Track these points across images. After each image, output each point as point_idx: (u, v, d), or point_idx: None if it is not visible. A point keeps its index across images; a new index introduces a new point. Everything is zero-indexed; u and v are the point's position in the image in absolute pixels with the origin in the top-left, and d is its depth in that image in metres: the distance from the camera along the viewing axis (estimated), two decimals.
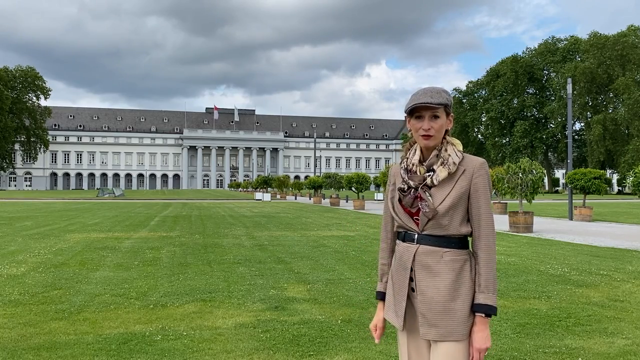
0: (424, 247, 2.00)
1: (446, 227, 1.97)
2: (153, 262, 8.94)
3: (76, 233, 14.02)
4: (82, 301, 6.01)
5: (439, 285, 1.95)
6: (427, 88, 2.02)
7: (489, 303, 1.93)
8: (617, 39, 73.69)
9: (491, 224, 1.97)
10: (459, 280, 1.95)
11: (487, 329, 1.95)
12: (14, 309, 5.63)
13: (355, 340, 4.59)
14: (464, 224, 1.98)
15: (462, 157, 2.00)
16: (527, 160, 16.25)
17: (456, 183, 1.97)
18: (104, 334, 4.75)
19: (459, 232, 1.97)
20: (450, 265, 1.96)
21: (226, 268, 8.40)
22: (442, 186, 1.98)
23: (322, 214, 24.82)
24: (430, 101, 1.96)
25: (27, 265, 8.44)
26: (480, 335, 1.94)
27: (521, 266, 8.61)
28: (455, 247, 1.98)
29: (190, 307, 5.75)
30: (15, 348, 4.33)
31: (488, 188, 2.00)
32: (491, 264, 1.96)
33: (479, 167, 1.99)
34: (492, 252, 1.97)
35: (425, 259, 1.99)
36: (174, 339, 4.61)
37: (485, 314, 1.93)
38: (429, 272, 1.97)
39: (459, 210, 1.97)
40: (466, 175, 1.98)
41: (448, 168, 1.97)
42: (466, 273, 1.96)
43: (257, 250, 10.70)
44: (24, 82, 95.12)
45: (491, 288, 1.94)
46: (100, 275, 7.69)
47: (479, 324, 1.94)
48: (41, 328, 4.92)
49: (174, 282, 7.17)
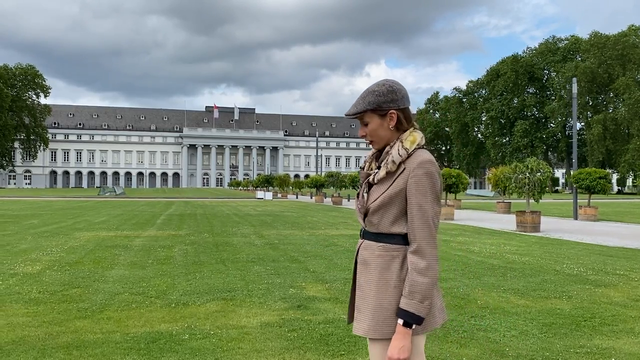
0: (365, 242, 1.99)
1: (376, 225, 1.93)
2: (167, 261, 8.92)
3: (84, 231, 13.99)
4: (103, 300, 5.99)
5: (369, 280, 1.92)
6: (363, 91, 1.96)
7: (407, 309, 1.79)
8: (618, 39, 73.79)
9: (424, 228, 1.84)
10: (386, 275, 1.88)
11: (405, 338, 1.79)
12: (36, 308, 5.60)
13: None
14: (397, 223, 1.89)
15: (407, 155, 1.89)
16: (534, 159, 16.25)
17: (393, 182, 1.90)
18: (130, 332, 4.73)
19: (389, 231, 1.90)
20: (379, 259, 1.91)
21: (241, 267, 8.38)
22: (381, 184, 1.93)
23: (327, 212, 24.81)
24: (350, 112, 1.95)
25: (42, 264, 8.42)
26: (395, 344, 1.80)
27: (536, 266, 8.60)
28: (389, 241, 1.91)
29: (212, 306, 5.74)
30: (44, 347, 4.31)
31: (424, 189, 1.85)
32: (419, 269, 1.82)
33: (416, 167, 1.86)
34: (421, 257, 1.82)
35: (364, 254, 1.97)
36: (202, 338, 4.59)
37: (404, 322, 1.79)
38: (365, 266, 1.95)
39: (391, 210, 1.90)
40: (404, 175, 1.88)
41: (386, 166, 1.91)
42: (394, 269, 1.88)
43: (269, 249, 10.69)
44: (23, 80, 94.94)
45: (417, 295, 1.80)
46: (116, 273, 7.67)
47: (396, 331, 1.82)
48: (66, 327, 4.90)
49: (192, 281, 7.15)
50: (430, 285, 1.82)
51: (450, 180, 20.41)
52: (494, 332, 4.81)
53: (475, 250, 10.47)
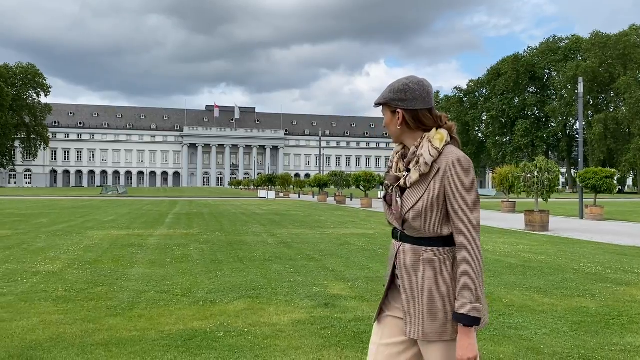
0: (405, 245, 1.93)
1: (420, 230, 1.87)
2: (184, 259, 8.95)
3: (96, 230, 14.02)
4: (130, 298, 6.02)
5: (419, 284, 1.88)
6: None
7: (464, 312, 1.80)
8: (619, 38, 73.81)
9: (470, 228, 1.82)
10: (437, 280, 1.86)
11: (469, 337, 1.81)
12: (65, 305, 5.63)
13: None
14: (444, 225, 1.86)
15: (438, 155, 1.85)
16: (543, 159, 16.28)
17: (429, 185, 1.85)
18: (165, 330, 4.76)
19: (437, 234, 1.87)
20: (427, 265, 1.87)
21: (259, 265, 8.42)
22: (416, 188, 1.88)
23: (332, 212, 24.84)
24: (375, 102, 1.99)
25: (62, 262, 8.44)
26: (460, 345, 1.82)
27: (553, 264, 8.63)
28: (435, 245, 1.88)
29: (240, 304, 5.76)
30: (82, 344, 4.33)
31: (465, 186, 1.83)
32: (470, 271, 1.82)
33: (452, 165, 1.83)
34: (471, 258, 1.82)
35: (406, 258, 1.92)
36: (237, 335, 4.62)
37: (464, 324, 1.81)
38: (409, 271, 1.91)
39: (434, 213, 1.85)
40: (440, 176, 1.84)
41: (419, 169, 1.86)
42: (445, 273, 1.86)
43: (283, 247, 10.72)
44: (24, 79, 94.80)
45: (469, 296, 1.81)
46: (136, 272, 7.70)
47: (460, 332, 1.83)
48: (100, 324, 4.93)
49: (214, 279, 7.18)
50: (481, 284, 1.83)
51: None
52: (525, 330, 4.84)
53: (489, 249, 10.50)
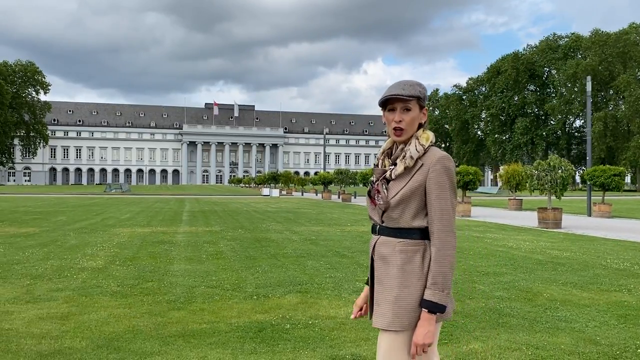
0: (382, 238, 2.04)
1: (397, 220, 1.99)
2: (219, 256, 9.14)
3: (119, 228, 14.20)
4: (183, 292, 6.21)
5: (390, 274, 1.98)
6: (400, 81, 2.04)
7: (432, 299, 1.91)
8: (619, 37, 74.21)
9: (444, 221, 1.95)
10: (407, 269, 1.96)
11: (430, 325, 1.92)
12: (125, 300, 5.81)
13: (477, 330, 4.81)
14: (417, 218, 1.99)
15: (423, 152, 1.99)
16: (556, 157, 16.51)
17: (412, 177, 1.97)
18: (232, 322, 4.95)
19: (410, 226, 1.98)
20: (399, 254, 1.98)
21: (294, 261, 8.61)
22: (399, 180, 1.99)
23: (342, 210, 25.05)
24: (401, 93, 1.97)
25: (102, 259, 8.62)
26: (421, 331, 1.92)
27: (580, 261, 8.85)
28: (409, 237, 1.99)
29: (292, 298, 5.96)
30: (159, 336, 4.52)
31: (444, 183, 1.96)
32: (442, 261, 1.93)
33: (435, 162, 1.96)
34: (444, 249, 1.94)
35: (382, 250, 2.03)
36: (303, 327, 4.82)
37: (429, 310, 1.92)
38: (384, 262, 2.01)
39: (411, 205, 1.98)
40: (423, 170, 1.97)
41: (404, 162, 1.98)
42: (416, 263, 1.96)
43: (309, 244, 10.91)
44: (23, 77, 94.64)
45: (439, 285, 1.92)
46: (179, 268, 7.88)
47: (422, 319, 1.93)
48: (167, 317, 5.11)
49: (256, 275, 7.37)
50: (450, 275, 1.94)
51: (468, 177, 20.67)
52: (575, 323, 5.05)
53: (513, 246, 10.73)
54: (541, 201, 32.31)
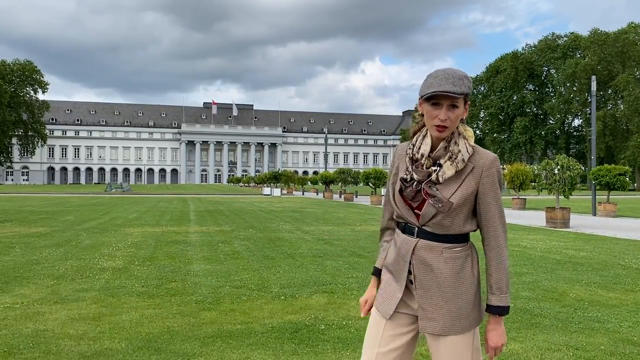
0: (423, 241, 1.92)
1: (448, 227, 1.89)
2: (237, 255, 9.12)
3: (129, 227, 14.16)
4: (210, 293, 6.18)
5: (440, 281, 1.90)
6: (448, 71, 1.86)
7: (501, 304, 1.92)
8: (618, 36, 74.30)
9: (502, 225, 1.92)
10: (460, 276, 1.91)
11: (501, 326, 1.95)
12: (152, 301, 5.79)
13: (512, 330, 4.79)
14: (467, 223, 1.92)
15: (472, 152, 1.88)
16: (564, 157, 16.53)
17: (463, 182, 1.86)
18: (266, 323, 4.93)
19: (461, 231, 1.91)
20: (451, 262, 1.90)
21: (312, 261, 8.59)
22: (448, 184, 1.86)
23: (347, 209, 25.04)
24: (452, 90, 1.81)
25: (121, 259, 8.59)
26: (495, 334, 1.95)
27: (599, 260, 8.86)
28: (456, 242, 1.92)
29: (320, 299, 5.94)
30: (196, 336, 4.50)
31: (499, 187, 1.91)
32: (502, 266, 1.92)
33: (489, 165, 1.87)
34: (502, 254, 1.92)
35: (425, 254, 1.91)
36: (338, 328, 4.80)
37: (499, 314, 1.93)
38: (428, 267, 1.91)
39: (463, 210, 1.89)
40: (474, 174, 1.87)
41: (456, 165, 1.85)
42: (467, 269, 1.92)
43: (323, 244, 10.89)
44: (21, 76, 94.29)
45: (503, 289, 1.91)
46: (199, 268, 7.86)
47: (492, 322, 1.94)
48: (199, 318, 5.09)
49: (278, 275, 7.35)
50: (509, 278, 1.94)
51: None
52: (608, 323, 5.04)
53: (527, 246, 10.73)
54: (544, 200, 32.38)
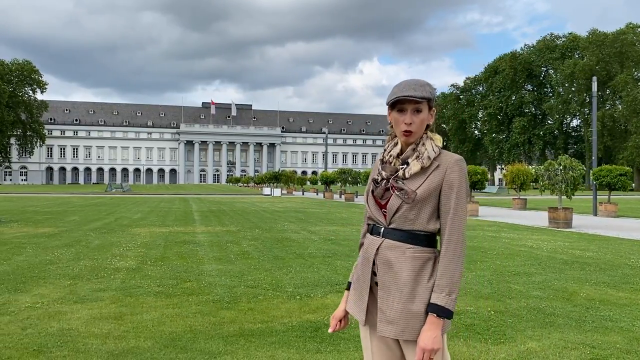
0: (388, 241, 1.94)
1: (412, 221, 1.91)
2: (246, 256, 9.20)
3: (136, 227, 14.24)
4: (225, 292, 6.26)
5: (399, 281, 1.89)
6: (410, 80, 1.95)
7: (440, 303, 1.84)
8: (616, 37, 74.52)
9: (460, 223, 1.90)
10: (419, 278, 1.89)
11: (437, 329, 1.83)
12: (170, 300, 5.86)
13: (527, 329, 4.88)
14: (432, 220, 1.93)
15: (438, 153, 1.95)
16: (566, 157, 16.64)
17: (428, 177, 1.92)
18: (286, 322, 5.01)
19: (425, 228, 1.92)
20: (411, 261, 1.90)
21: (322, 262, 8.67)
22: (414, 179, 1.93)
23: (349, 209, 25.12)
24: (413, 94, 1.89)
25: (132, 259, 8.66)
26: (428, 335, 1.83)
27: (605, 260, 8.96)
28: (420, 244, 1.92)
29: (335, 299, 6.01)
30: (219, 335, 4.57)
31: (462, 185, 1.92)
32: (452, 263, 1.87)
33: (453, 164, 1.92)
34: (456, 251, 1.88)
35: (388, 254, 1.93)
36: (357, 327, 4.82)
37: (437, 314, 1.83)
38: (390, 267, 1.92)
39: (427, 205, 1.91)
40: (439, 171, 1.92)
41: (422, 162, 1.92)
42: (427, 271, 1.90)
43: (331, 244, 10.98)
44: (20, 76, 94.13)
45: (445, 288, 1.84)
46: (212, 268, 7.94)
47: (427, 323, 1.84)
48: (219, 317, 5.17)
49: (290, 275, 7.43)
50: (459, 280, 1.87)
51: (476, 177, 20.81)
52: (621, 322, 5.14)
53: (533, 246, 10.83)
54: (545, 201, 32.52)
